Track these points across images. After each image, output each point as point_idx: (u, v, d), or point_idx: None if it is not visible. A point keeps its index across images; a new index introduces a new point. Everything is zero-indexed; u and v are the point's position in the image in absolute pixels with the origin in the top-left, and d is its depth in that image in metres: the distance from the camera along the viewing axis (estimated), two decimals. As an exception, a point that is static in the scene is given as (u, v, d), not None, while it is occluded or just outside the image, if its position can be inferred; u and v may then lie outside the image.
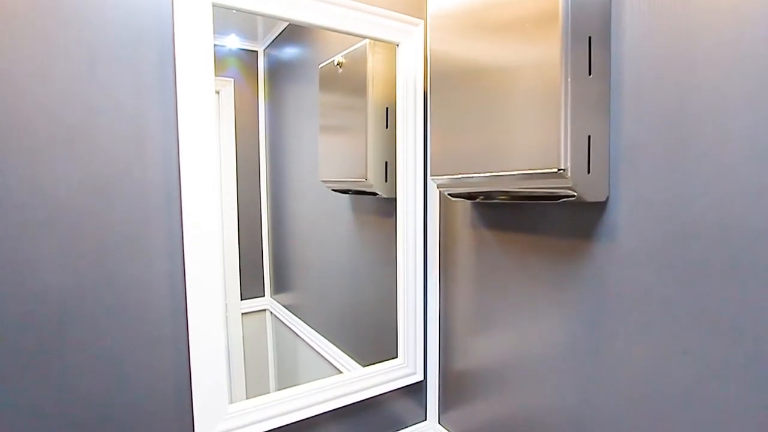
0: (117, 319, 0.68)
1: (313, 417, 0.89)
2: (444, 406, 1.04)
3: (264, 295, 1.02)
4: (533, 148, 0.61)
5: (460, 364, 0.97)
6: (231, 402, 0.79)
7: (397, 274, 0.99)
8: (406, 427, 1.03)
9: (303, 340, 1.06)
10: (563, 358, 0.71)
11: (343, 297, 1.02)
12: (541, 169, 0.59)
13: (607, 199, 0.62)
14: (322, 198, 1.04)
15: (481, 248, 0.87)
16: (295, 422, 0.87)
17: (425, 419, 1.07)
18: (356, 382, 0.92)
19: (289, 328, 1.06)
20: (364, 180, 1.02)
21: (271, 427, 0.82)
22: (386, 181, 1.03)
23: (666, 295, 0.56)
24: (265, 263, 0.99)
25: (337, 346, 0.99)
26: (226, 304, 0.92)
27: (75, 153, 0.64)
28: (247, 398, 0.81)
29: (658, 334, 0.57)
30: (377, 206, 1.05)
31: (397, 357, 0.99)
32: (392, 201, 1.02)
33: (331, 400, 0.89)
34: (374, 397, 0.97)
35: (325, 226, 1.05)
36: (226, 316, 0.91)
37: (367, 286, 1.03)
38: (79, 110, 0.64)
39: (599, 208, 0.63)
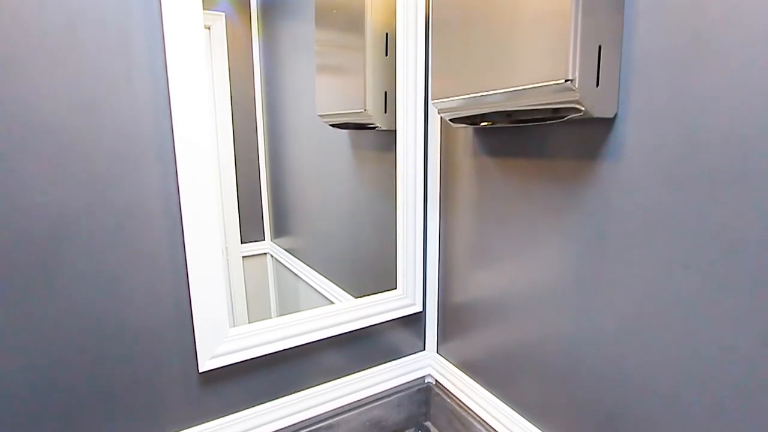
0: (112, 240, 0.68)
1: (313, 343, 0.91)
2: (443, 337, 1.06)
3: (264, 239, 1.01)
4: (540, 60, 0.57)
5: (459, 296, 0.98)
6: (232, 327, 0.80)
7: (396, 206, 0.98)
8: (404, 356, 1.06)
9: (304, 281, 1.07)
10: (564, 286, 0.71)
11: (343, 235, 1.01)
12: (548, 81, 0.56)
13: (615, 115, 0.59)
14: (321, 137, 1.01)
15: (482, 177, 0.85)
16: (296, 347, 0.89)
17: (424, 349, 1.09)
18: (356, 310, 0.93)
19: (290, 270, 1.06)
20: (362, 111, 0.98)
21: (272, 351, 0.84)
22: (385, 112, 0.99)
23: (671, 212, 0.54)
24: (265, 207, 0.97)
25: (338, 285, 1.00)
26: (227, 248, 0.91)
27: (58, 67, 0.60)
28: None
29: (662, 252, 0.56)
30: (376, 140, 1.02)
31: (396, 288, 1.00)
32: (392, 134, 0.99)
33: (330, 327, 0.90)
34: (373, 326, 0.99)
35: (323, 165, 1.02)
36: (227, 253, 0.91)
37: (368, 223, 1.02)
38: (61, 17, 0.60)
39: (606, 125, 0.60)
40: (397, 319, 1.02)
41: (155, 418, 0.77)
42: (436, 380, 1.09)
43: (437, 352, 1.08)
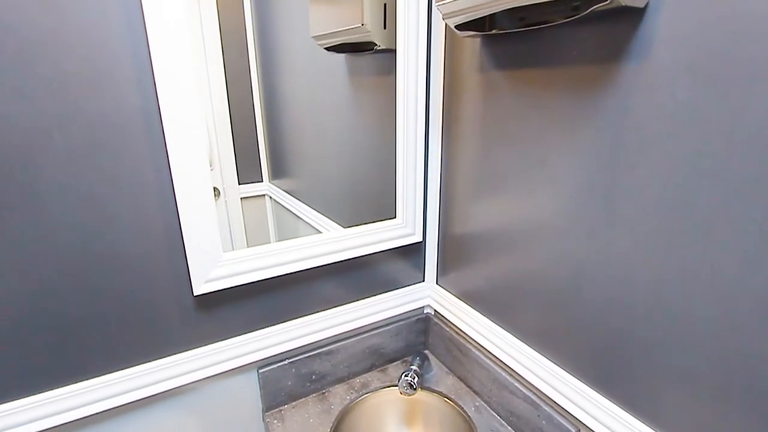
0: (91, 158, 0.63)
1: (310, 270, 0.89)
2: (443, 268, 1.04)
3: (262, 181, 0.96)
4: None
5: (460, 226, 0.95)
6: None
7: (396, 132, 0.92)
8: (403, 287, 1.05)
9: (304, 221, 1.03)
10: (573, 208, 0.67)
11: (343, 171, 0.95)
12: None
13: (647, 5, 0.52)
14: (317, 66, 0.93)
15: (489, 94, 0.79)
16: (293, 274, 0.87)
17: (423, 281, 1.08)
18: (354, 238, 0.90)
19: (290, 211, 1.02)
20: (360, 26, 0.90)
21: (268, 277, 0.82)
22: (385, 27, 0.90)
23: (701, 115, 0.49)
24: (261, 147, 0.91)
25: (338, 224, 0.96)
26: (224, 188, 0.87)
27: (6, -51, 0.53)
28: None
29: (686, 160, 0.52)
30: (375, 64, 0.94)
31: (395, 218, 0.97)
32: (392, 55, 0.91)
33: (328, 254, 0.88)
34: (372, 254, 0.96)
35: (320, 97, 0.95)
36: (225, 194, 0.86)
37: (368, 156, 0.96)
38: None
39: (634, 18, 0.54)
40: (396, 248, 0.99)
41: (152, 341, 0.76)
42: (435, 310, 1.09)
43: (437, 283, 1.07)
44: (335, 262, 0.91)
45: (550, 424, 0.78)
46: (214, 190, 0.82)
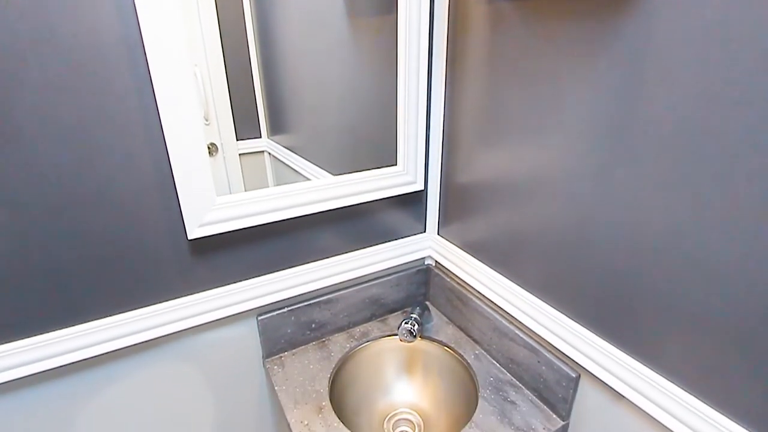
0: (71, 87, 0.59)
1: (307, 216, 0.87)
2: (444, 218, 1.02)
3: (260, 137, 0.91)
4: None
5: (464, 174, 0.91)
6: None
7: (398, 75, 0.87)
8: (404, 237, 1.03)
9: (303, 176, 1.00)
10: (586, 150, 0.63)
11: (343, 120, 0.90)
12: None
13: None
14: (313, 10, 0.86)
15: (497, 28, 0.74)
16: (290, 220, 0.85)
17: (424, 231, 1.06)
18: (353, 184, 0.87)
19: (289, 167, 0.98)
20: (358, -43, 0.83)
21: (265, 222, 0.80)
22: (385, -41, 0.84)
23: (730, 37, 0.45)
24: (259, 100, 0.86)
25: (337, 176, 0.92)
26: (222, 144, 0.82)
27: None
28: (236, 193, 0.77)
29: (710, 88, 0.48)
30: (375, 1, 0.87)
31: (396, 164, 0.93)
32: (393, -13, 0.84)
33: (326, 200, 0.85)
34: (371, 202, 0.94)
35: (318, 43, 0.88)
36: (222, 150, 0.82)
37: (368, 101, 0.91)
38: None
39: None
40: (396, 197, 0.97)
41: (148, 285, 0.75)
42: (436, 261, 1.07)
43: (438, 234, 1.05)
44: (334, 210, 0.89)
45: (550, 369, 0.77)
46: (212, 146, 0.79)
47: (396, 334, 1.01)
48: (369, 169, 0.90)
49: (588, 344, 0.69)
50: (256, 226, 0.81)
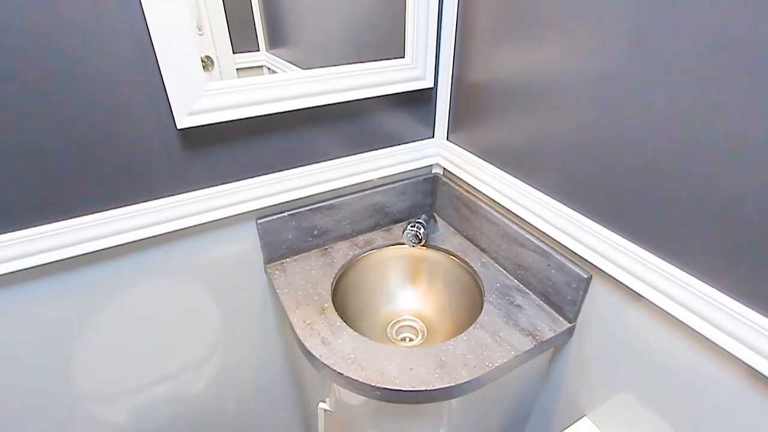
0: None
1: (306, 112, 0.80)
2: (455, 121, 0.94)
3: (259, 50, 0.81)
4: None
5: (478, 72, 0.83)
6: (208, 79, 0.67)
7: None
8: (410, 142, 0.96)
9: None
10: (614, 47, 0.55)
11: (347, 21, 0.79)
12: None
13: None
14: None
15: None
16: (286, 114, 0.78)
17: (432, 136, 0.99)
18: (357, 76, 0.79)
19: None
20: None
21: (260, 114, 0.73)
22: None
23: None
24: (256, 11, 0.74)
25: None
26: (217, 57, 0.72)
27: None
28: (227, 79, 0.70)
29: None
30: None
31: (404, 57, 0.84)
32: None
33: (327, 93, 0.78)
34: (376, 99, 0.86)
35: None
36: (218, 64, 0.72)
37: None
38: None
39: None
40: (403, 94, 0.89)
41: (139, 179, 0.70)
42: (444, 169, 1.02)
43: (447, 139, 0.98)
44: (335, 105, 0.82)
45: (560, 272, 0.75)
46: (207, 59, 0.70)
47: (401, 243, 0.98)
48: (374, 61, 0.81)
49: (605, 242, 0.65)
50: (251, 118, 0.74)
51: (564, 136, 0.68)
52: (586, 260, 0.70)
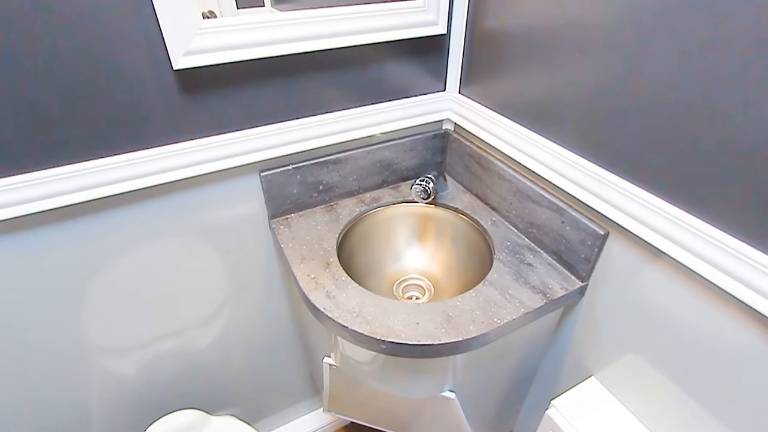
0: None
1: (309, 57, 0.76)
2: (468, 73, 0.89)
3: (263, 5, 0.75)
4: None
5: (495, 19, 0.77)
6: (206, 17, 0.63)
7: None
8: (421, 95, 0.92)
9: None
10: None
11: None
12: None
13: None
14: None
15: None
16: (287, 58, 0.74)
17: (444, 89, 0.94)
18: (365, 17, 0.74)
19: None
20: None
21: (260, 57, 0.69)
22: None
23: None
24: None
25: None
26: (221, 12, 0.67)
27: None
28: (226, 17, 0.66)
29: None
30: None
31: (415, -1, 0.79)
32: None
33: (331, 36, 0.73)
34: (385, 45, 0.81)
35: None
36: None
37: None
38: None
39: None
40: (414, 41, 0.83)
41: (135, 124, 0.67)
42: (456, 125, 0.97)
43: (459, 92, 0.93)
44: (341, 48, 0.77)
45: (574, 229, 0.71)
46: (210, 14, 0.65)
47: (409, 201, 0.95)
48: (384, 2, 0.76)
49: (625, 196, 0.62)
50: (251, 60, 0.70)
51: (587, 85, 0.63)
52: (604, 215, 0.66)
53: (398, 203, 0.95)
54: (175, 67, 0.63)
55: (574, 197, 0.71)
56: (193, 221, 0.82)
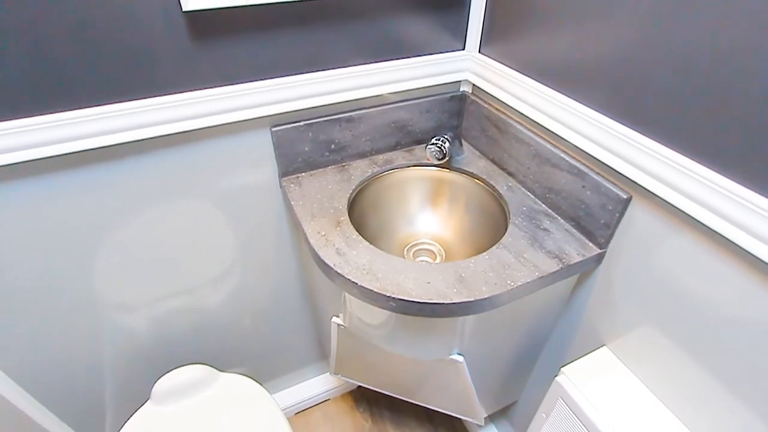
0: None
1: (323, 5, 0.72)
2: (489, 31, 0.85)
3: None
4: None
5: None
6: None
7: None
8: (438, 53, 0.88)
9: None
10: None
11: None
12: None
13: None
14: None
15: None
16: (300, 4, 0.70)
17: (463, 48, 0.90)
18: (382, -37, 0.70)
19: None
20: None
21: (269, 1, 0.66)
22: None
23: None
24: None
25: None
26: None
27: None
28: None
29: None
30: None
31: (437, -54, 0.74)
32: None
33: (349, -18, 0.69)
34: (404, -4, 0.77)
35: None
36: None
37: None
38: None
39: None
40: (435, -7, 0.79)
41: (145, 69, 0.65)
42: (474, 86, 0.94)
43: (479, 51, 0.89)
44: (358, -2, 0.73)
45: (595, 193, 0.69)
46: None
47: (423, 164, 0.92)
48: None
49: (653, 157, 0.58)
50: (261, 5, 0.67)
51: (621, 40, 0.59)
52: (628, 178, 0.63)
53: (412, 166, 0.93)
54: (184, 9, 0.61)
55: (597, 159, 0.68)
56: (202, 176, 0.81)
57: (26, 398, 0.89)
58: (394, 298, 0.61)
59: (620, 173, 0.64)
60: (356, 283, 0.63)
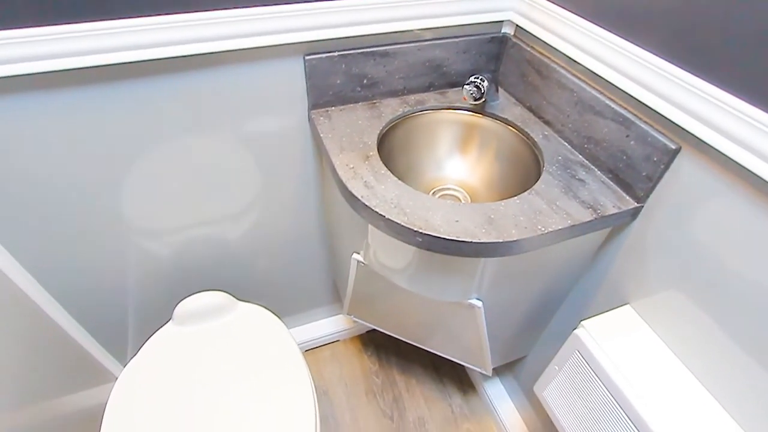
0: None
1: None
2: (541, -37, 0.78)
3: None
4: None
5: None
6: None
7: None
8: (485, -14, 0.82)
9: None
10: None
11: None
12: None
13: None
14: None
15: None
16: None
17: (510, -16, 0.84)
18: None
19: None
20: None
21: None
22: None
23: None
24: None
25: None
26: None
27: None
28: None
29: None
30: None
31: None
32: None
33: None
34: None
35: None
36: None
37: None
38: None
39: None
40: None
41: (176, -21, 0.62)
42: (517, 27, 0.88)
43: (527, -12, 0.83)
44: None
45: (640, 143, 0.65)
46: None
47: (455, 108, 0.89)
48: None
49: (711, 104, 0.54)
50: None
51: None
52: (680, 127, 0.60)
53: (444, 109, 0.89)
54: None
55: (647, 107, 0.64)
56: (233, 101, 0.79)
57: (57, 307, 0.93)
58: (421, 233, 0.60)
59: (671, 121, 0.60)
60: (383, 215, 0.62)
